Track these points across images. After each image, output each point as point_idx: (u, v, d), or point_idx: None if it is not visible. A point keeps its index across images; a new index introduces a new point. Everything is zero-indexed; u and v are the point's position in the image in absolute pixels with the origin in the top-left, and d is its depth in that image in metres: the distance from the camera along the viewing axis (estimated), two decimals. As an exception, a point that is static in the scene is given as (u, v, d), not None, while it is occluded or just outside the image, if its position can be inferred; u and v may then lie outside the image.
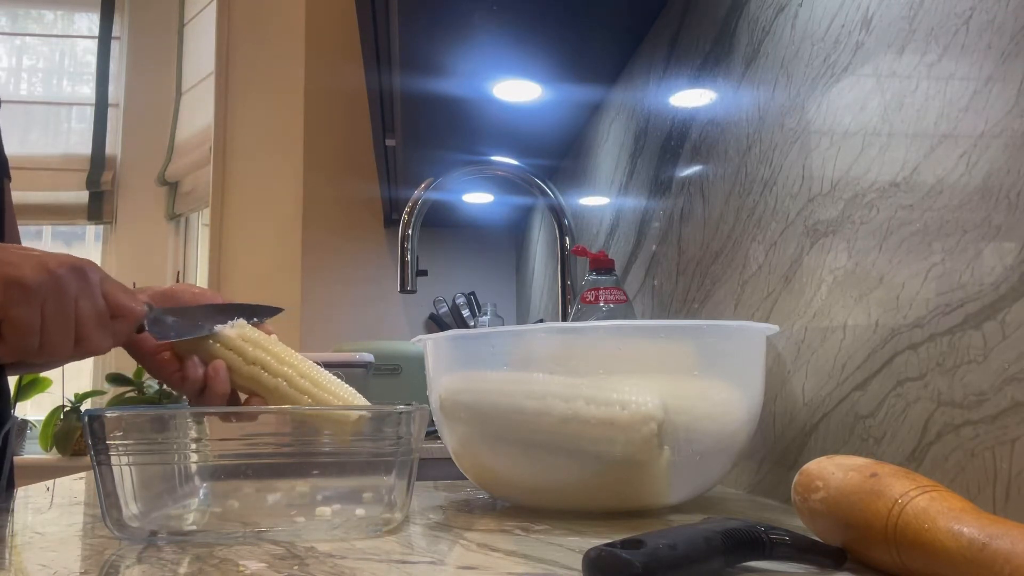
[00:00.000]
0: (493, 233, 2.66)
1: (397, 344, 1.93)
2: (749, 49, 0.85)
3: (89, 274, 0.64)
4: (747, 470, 0.82)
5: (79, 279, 0.63)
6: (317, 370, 0.68)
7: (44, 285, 0.61)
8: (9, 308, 0.60)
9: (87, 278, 0.64)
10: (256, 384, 0.67)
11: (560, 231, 1.44)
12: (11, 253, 0.62)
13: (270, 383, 0.66)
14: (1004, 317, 0.48)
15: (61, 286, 0.62)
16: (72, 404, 2.98)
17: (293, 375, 0.66)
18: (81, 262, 0.64)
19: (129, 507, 0.55)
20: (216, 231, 2.89)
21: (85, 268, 0.64)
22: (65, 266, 0.63)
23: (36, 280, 0.61)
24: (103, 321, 0.64)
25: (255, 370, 0.67)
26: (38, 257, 0.63)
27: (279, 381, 0.66)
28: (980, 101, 0.51)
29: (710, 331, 0.67)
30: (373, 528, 0.57)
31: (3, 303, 0.60)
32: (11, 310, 0.60)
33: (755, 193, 0.83)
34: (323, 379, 0.67)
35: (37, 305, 0.61)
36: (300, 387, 0.66)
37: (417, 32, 1.23)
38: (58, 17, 3.62)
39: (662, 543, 0.40)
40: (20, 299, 0.60)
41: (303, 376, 0.66)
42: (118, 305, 0.65)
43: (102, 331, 0.64)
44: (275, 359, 0.67)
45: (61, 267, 0.62)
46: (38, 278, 0.61)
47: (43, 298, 0.61)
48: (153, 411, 0.58)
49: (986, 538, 0.36)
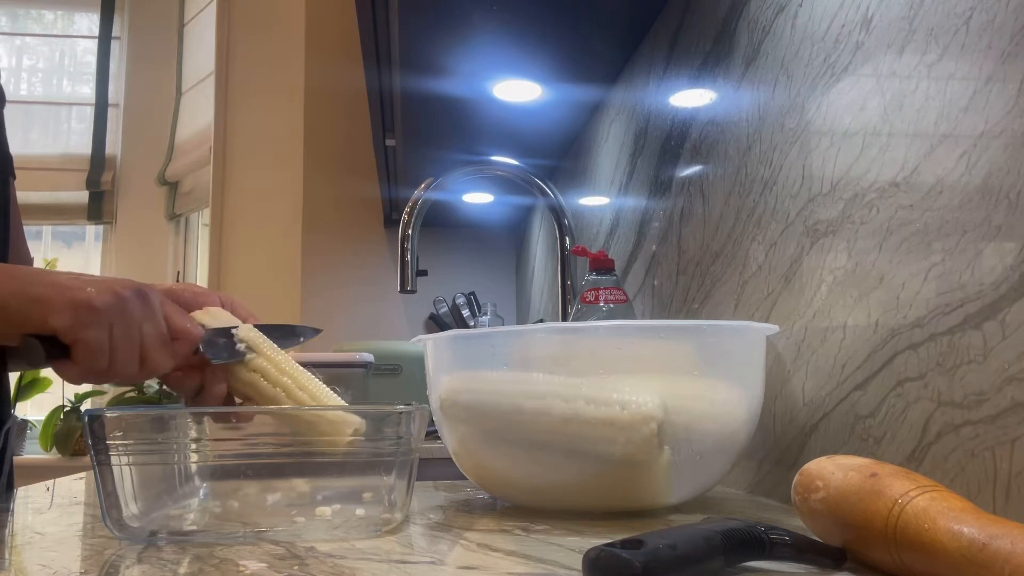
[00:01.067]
0: (493, 233, 2.66)
1: (397, 344, 1.93)
2: (749, 49, 0.85)
3: (151, 297, 0.66)
4: (747, 470, 0.82)
5: (143, 302, 0.65)
6: (315, 383, 0.67)
7: (113, 308, 0.63)
8: (81, 330, 0.62)
9: (149, 301, 0.66)
10: (254, 391, 0.67)
11: (560, 231, 1.44)
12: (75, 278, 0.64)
13: (268, 391, 0.67)
14: (1004, 317, 0.48)
15: (128, 309, 0.64)
16: (72, 404, 2.98)
17: (291, 386, 0.66)
18: (142, 286, 0.66)
19: (129, 507, 0.55)
20: (216, 231, 2.89)
21: (147, 292, 0.66)
22: (130, 289, 0.65)
23: (105, 303, 0.63)
24: (165, 343, 0.66)
25: (254, 377, 0.67)
26: (103, 281, 0.65)
27: (277, 391, 0.66)
28: (980, 101, 0.51)
29: (710, 331, 0.67)
30: (373, 528, 0.57)
31: (75, 325, 0.62)
32: (83, 332, 0.62)
33: (755, 193, 0.83)
34: (320, 393, 0.66)
35: (106, 327, 0.63)
36: (296, 399, 0.66)
37: (417, 32, 1.23)
38: (58, 17, 3.62)
39: (662, 543, 0.40)
40: (91, 321, 0.62)
41: (302, 388, 0.66)
42: (178, 328, 0.67)
43: (164, 352, 0.66)
44: (276, 368, 0.68)
45: (126, 290, 0.64)
46: (107, 301, 0.63)
47: (111, 321, 0.63)
48: (153, 411, 0.59)
49: (986, 538, 0.36)
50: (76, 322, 0.62)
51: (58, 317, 0.62)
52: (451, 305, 2.51)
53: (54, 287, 0.63)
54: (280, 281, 2.63)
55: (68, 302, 0.62)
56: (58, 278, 0.64)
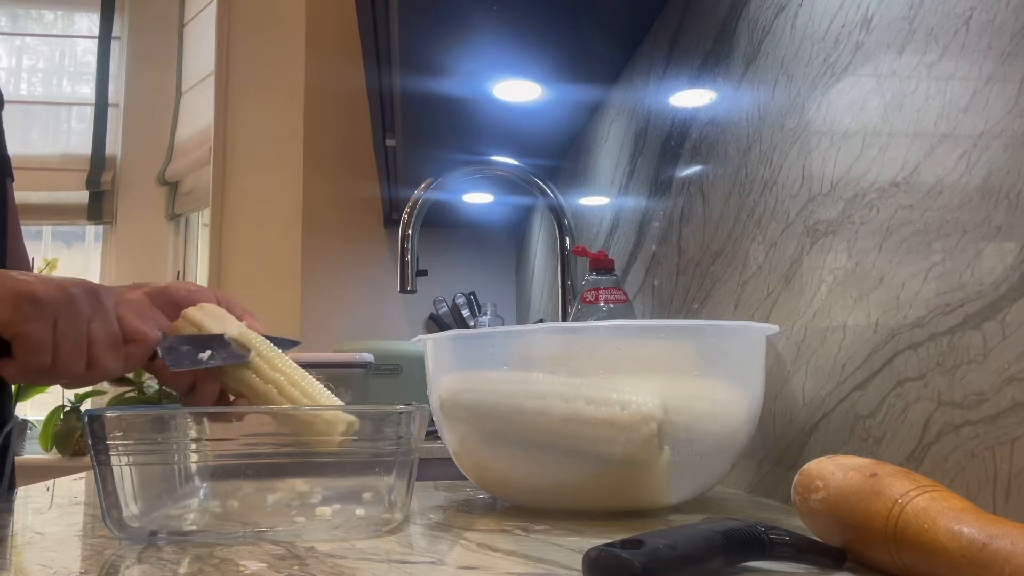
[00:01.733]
0: (493, 233, 2.66)
1: (397, 344, 1.93)
2: (749, 49, 0.85)
3: (103, 296, 0.63)
4: (747, 470, 0.82)
5: (93, 300, 0.62)
6: (309, 380, 0.67)
7: (57, 301, 0.60)
8: (21, 324, 0.59)
9: (100, 300, 0.63)
10: (247, 388, 0.67)
11: (560, 231, 1.44)
12: (25, 274, 0.62)
13: (260, 388, 0.66)
14: (1004, 317, 0.48)
15: (74, 304, 0.61)
16: (72, 404, 2.98)
17: (284, 382, 0.66)
18: (95, 285, 0.64)
19: (129, 507, 0.55)
20: (216, 231, 2.89)
21: (99, 290, 0.63)
22: (79, 286, 0.62)
23: (49, 296, 0.60)
24: (116, 344, 0.63)
25: (247, 374, 0.67)
26: (52, 278, 0.62)
27: (269, 387, 0.66)
28: (980, 101, 0.51)
29: (710, 331, 0.67)
30: (373, 528, 0.57)
31: (15, 319, 0.59)
32: (23, 326, 0.59)
33: (755, 193, 0.83)
34: (313, 389, 0.66)
35: (49, 322, 0.60)
36: (289, 395, 0.65)
37: (417, 32, 1.23)
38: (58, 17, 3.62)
39: (662, 543, 0.40)
40: (32, 315, 0.59)
41: (294, 385, 0.66)
42: (132, 329, 0.64)
43: (115, 354, 0.63)
44: (268, 364, 0.67)
45: (75, 287, 0.62)
46: (51, 294, 0.60)
47: (55, 315, 0.60)
48: (153, 411, 0.58)
49: (986, 538, 0.36)
50: (16, 315, 0.59)
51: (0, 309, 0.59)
52: (451, 305, 2.51)
53: (2, 279, 0.60)
54: (280, 281, 2.63)
55: (9, 293, 0.59)
56: (7, 274, 0.61)
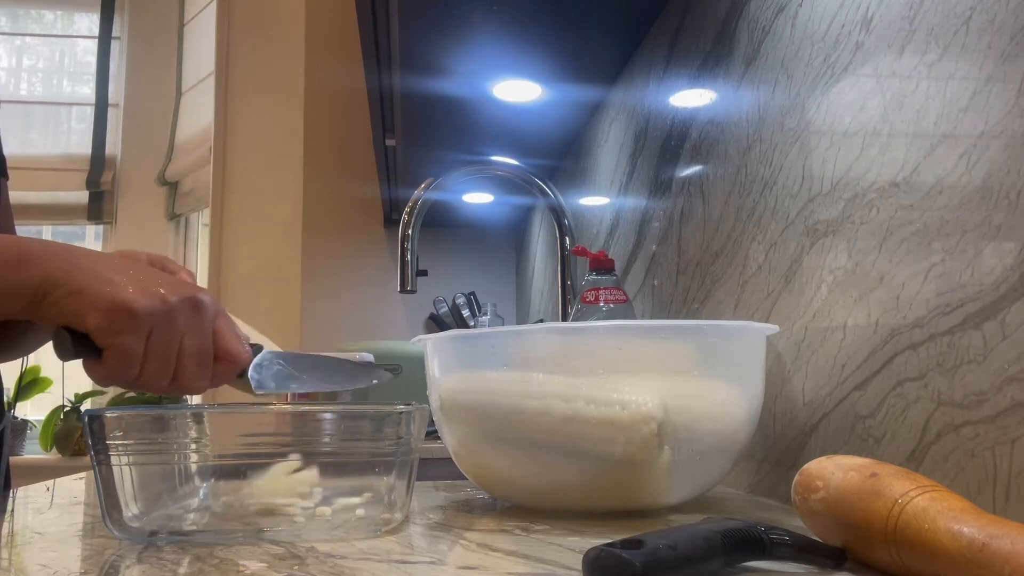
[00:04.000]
0: (493, 233, 2.66)
1: (397, 344, 1.93)
2: (749, 49, 0.85)
3: (204, 310, 0.60)
4: (747, 470, 0.82)
5: (192, 314, 0.59)
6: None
7: (155, 315, 0.57)
8: (115, 336, 0.57)
9: (200, 314, 0.60)
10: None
11: (560, 231, 1.44)
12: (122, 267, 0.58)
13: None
14: (1004, 317, 0.48)
15: (172, 319, 0.58)
16: (72, 404, 2.98)
17: None
18: (199, 295, 0.60)
19: (129, 507, 0.55)
20: (216, 231, 2.89)
21: (202, 302, 0.60)
22: (182, 298, 0.59)
23: (148, 308, 0.57)
24: (206, 362, 0.61)
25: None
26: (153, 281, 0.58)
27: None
28: (980, 101, 0.51)
29: (710, 331, 0.67)
30: (373, 528, 0.57)
31: (109, 330, 0.57)
32: (116, 338, 0.57)
33: (755, 193, 0.83)
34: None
35: (143, 335, 0.57)
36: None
37: (417, 32, 1.23)
38: (58, 17, 3.62)
39: (662, 543, 0.40)
40: (127, 328, 0.57)
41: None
42: (226, 350, 0.62)
43: (202, 371, 0.61)
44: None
45: (176, 296, 0.58)
46: (150, 307, 0.57)
47: (150, 328, 0.58)
48: (153, 411, 0.58)
49: (986, 538, 0.36)
50: (111, 326, 0.56)
51: (93, 317, 0.56)
52: (451, 305, 2.51)
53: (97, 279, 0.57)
54: (280, 281, 2.63)
55: (106, 301, 0.56)
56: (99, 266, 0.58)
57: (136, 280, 0.58)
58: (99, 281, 0.57)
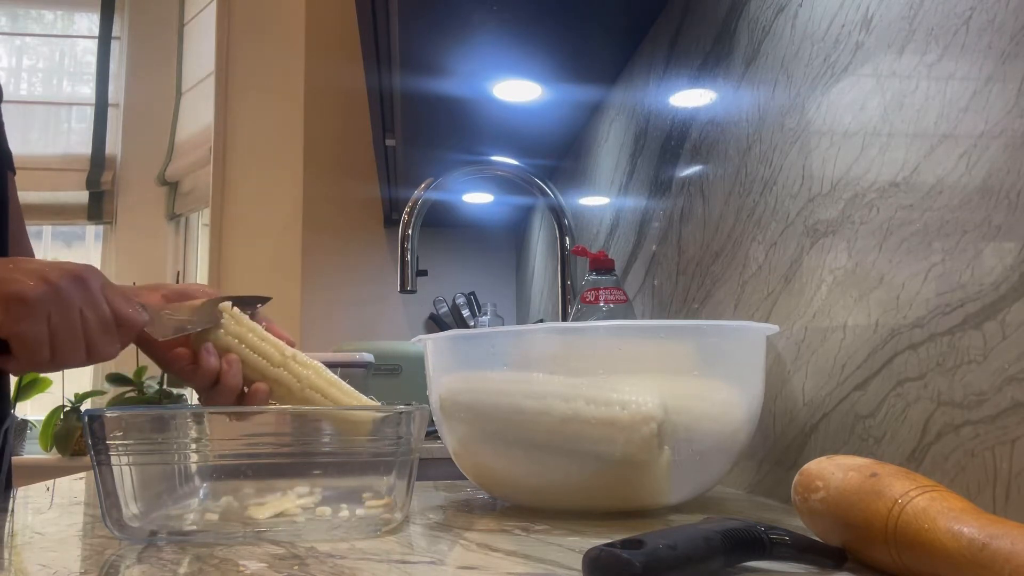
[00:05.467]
0: (493, 233, 2.66)
1: (397, 344, 1.93)
2: (749, 49, 0.85)
3: (90, 282, 0.64)
4: (747, 470, 0.82)
5: (81, 288, 0.63)
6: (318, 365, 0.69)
7: (46, 298, 0.61)
8: (14, 325, 0.60)
9: (88, 286, 0.63)
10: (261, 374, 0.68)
11: (560, 231, 1.44)
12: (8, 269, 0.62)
13: (250, 359, 0.68)
14: (1004, 317, 0.48)
15: (64, 297, 0.62)
16: (72, 404, 2.98)
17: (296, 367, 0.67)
18: (80, 269, 0.64)
19: (129, 507, 0.55)
20: (216, 231, 2.89)
21: (85, 276, 0.63)
22: (66, 276, 0.62)
23: (37, 294, 0.61)
24: (108, 327, 0.64)
25: (261, 361, 0.68)
26: (36, 270, 0.62)
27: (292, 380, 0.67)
28: (980, 101, 0.51)
29: (710, 331, 0.67)
30: (373, 528, 0.57)
31: (7, 321, 0.60)
32: (16, 326, 0.60)
33: (755, 193, 0.83)
34: (327, 374, 0.68)
35: (43, 319, 0.61)
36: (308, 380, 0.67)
37: (417, 32, 1.23)
38: (58, 17, 3.62)
39: (662, 543, 0.40)
40: (24, 315, 0.60)
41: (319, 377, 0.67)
42: (121, 315, 0.65)
43: (109, 337, 0.64)
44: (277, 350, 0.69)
45: (62, 278, 0.62)
46: (39, 292, 0.61)
47: (47, 311, 0.61)
48: (153, 411, 0.58)
49: (986, 538, 0.36)
50: (7, 317, 0.60)
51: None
52: (451, 305, 2.51)
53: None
54: (280, 281, 2.63)
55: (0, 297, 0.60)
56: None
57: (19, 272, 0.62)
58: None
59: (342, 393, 0.67)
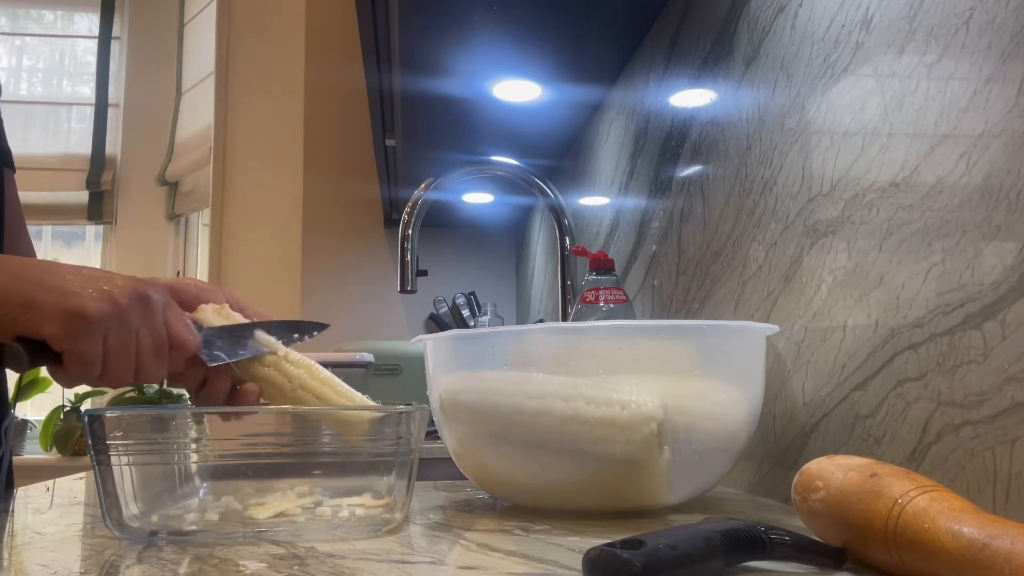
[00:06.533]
0: (493, 233, 2.66)
1: (397, 344, 1.93)
2: (749, 49, 0.85)
3: (153, 304, 0.62)
4: (747, 470, 0.82)
5: (143, 309, 0.62)
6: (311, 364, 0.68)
7: (108, 318, 0.60)
8: (72, 341, 0.59)
9: (151, 308, 0.62)
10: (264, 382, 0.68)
11: (560, 231, 1.44)
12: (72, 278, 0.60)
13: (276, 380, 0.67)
14: (1004, 317, 0.48)
15: (125, 319, 0.61)
16: (72, 404, 2.98)
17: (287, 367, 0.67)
18: (146, 288, 0.62)
19: (129, 507, 0.55)
20: (216, 231, 2.89)
21: (150, 297, 0.62)
22: (130, 295, 0.61)
23: (100, 313, 0.59)
24: (162, 352, 0.63)
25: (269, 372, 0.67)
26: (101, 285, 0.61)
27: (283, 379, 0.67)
28: (980, 101, 0.51)
29: (710, 331, 0.67)
30: (373, 528, 0.57)
31: (65, 336, 0.59)
32: (73, 343, 0.59)
33: (755, 193, 0.83)
34: (320, 374, 0.67)
35: (100, 338, 0.60)
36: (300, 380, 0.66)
37: (417, 32, 1.23)
38: (58, 17, 3.62)
39: (662, 543, 0.40)
40: (82, 332, 0.59)
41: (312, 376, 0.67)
42: (178, 339, 0.64)
43: (160, 361, 0.63)
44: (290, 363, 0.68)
45: (125, 295, 0.61)
46: (103, 311, 0.59)
47: (106, 331, 0.60)
48: (153, 411, 0.58)
49: (986, 538, 0.36)
50: (67, 332, 0.59)
51: (49, 326, 0.58)
52: (451, 305, 2.51)
53: (48, 291, 0.59)
54: (280, 281, 2.63)
55: (61, 311, 0.59)
56: (53, 279, 0.60)
57: (83, 285, 0.60)
58: (48, 291, 0.59)
59: (336, 393, 0.66)
